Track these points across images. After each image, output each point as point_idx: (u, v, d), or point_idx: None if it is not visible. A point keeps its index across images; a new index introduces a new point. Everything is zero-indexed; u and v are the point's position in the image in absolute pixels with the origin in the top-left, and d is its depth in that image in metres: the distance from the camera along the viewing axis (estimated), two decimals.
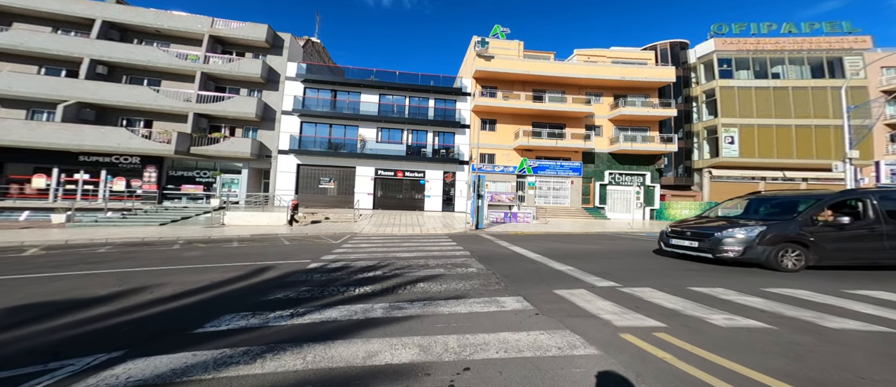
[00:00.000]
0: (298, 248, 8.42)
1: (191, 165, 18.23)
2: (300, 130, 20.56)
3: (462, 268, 5.78)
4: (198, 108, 17.47)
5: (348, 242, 9.61)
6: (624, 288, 4.28)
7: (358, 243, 9.40)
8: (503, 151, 22.10)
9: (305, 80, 20.65)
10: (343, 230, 12.42)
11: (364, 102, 21.46)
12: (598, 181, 21.30)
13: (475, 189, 13.23)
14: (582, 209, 20.82)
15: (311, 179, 20.70)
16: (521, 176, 21.83)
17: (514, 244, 9.21)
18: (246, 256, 6.98)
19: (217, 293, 4.21)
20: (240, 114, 18.22)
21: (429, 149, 22.04)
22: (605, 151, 21.58)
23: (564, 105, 20.83)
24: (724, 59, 21.30)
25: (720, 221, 6.49)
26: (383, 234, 12.02)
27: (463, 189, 21.92)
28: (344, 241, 10.03)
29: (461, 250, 8.04)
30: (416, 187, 21.90)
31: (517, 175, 21.69)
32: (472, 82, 22.65)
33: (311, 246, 8.75)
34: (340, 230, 12.38)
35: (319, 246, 8.77)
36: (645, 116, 20.73)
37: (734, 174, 20.60)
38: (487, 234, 12.34)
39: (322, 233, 11.73)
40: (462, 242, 9.66)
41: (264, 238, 10.39)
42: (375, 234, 11.99)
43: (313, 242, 9.49)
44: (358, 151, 20.79)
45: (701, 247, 6.01)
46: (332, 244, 9.17)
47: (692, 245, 6.16)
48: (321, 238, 10.51)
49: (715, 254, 5.78)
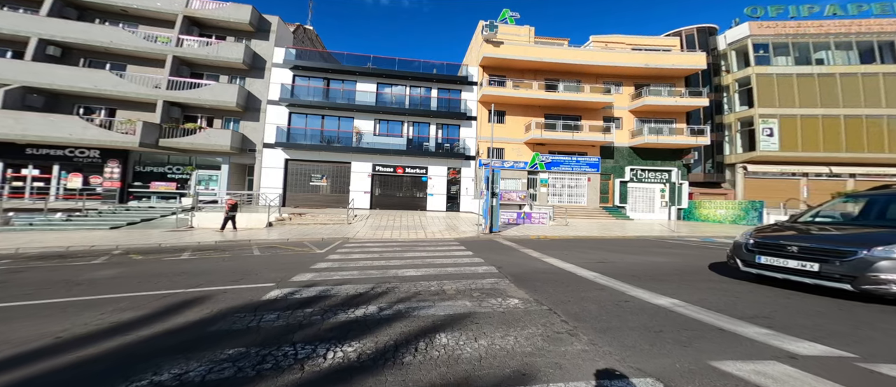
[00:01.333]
0: (268, 261, 6.37)
1: (162, 159, 16.09)
2: (289, 122, 18.47)
3: (497, 298, 3.79)
4: (168, 95, 15.33)
5: (337, 252, 7.57)
6: (867, 364, 2.19)
7: (348, 254, 7.37)
8: (513, 145, 20.12)
9: (295, 67, 18.57)
10: (333, 235, 10.37)
11: (360, 91, 19.42)
12: (618, 178, 19.36)
13: (488, 186, 11.23)
14: (601, 209, 18.87)
15: (301, 175, 18.62)
16: (533, 172, 19.86)
17: (547, 254, 7.21)
18: (182, 278, 4.93)
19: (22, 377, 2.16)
20: (218, 102, 16.11)
21: (432, 143, 20.02)
22: (626, 144, 19.63)
23: (581, 95, 18.88)
24: (761, 45, 19.43)
25: (854, 228, 4.44)
26: (381, 239, 9.98)
27: (469, 187, 19.92)
28: (332, 249, 7.99)
29: (483, 265, 6.03)
30: (418, 185, 19.87)
31: (528, 171, 19.72)
32: (479, 71, 20.67)
33: (287, 259, 6.70)
34: (330, 235, 10.33)
35: (297, 258, 6.73)
36: (672, 107, 18.81)
37: (773, 170, 18.72)
38: (505, 239, 10.33)
39: (307, 238, 9.68)
40: (479, 252, 7.66)
41: (230, 246, 8.32)
42: (372, 239, 9.95)
43: (291, 253, 7.44)
44: (353, 145, 18.72)
45: (827, 272, 3.77)
46: (314, 255, 7.13)
47: (807, 268, 3.91)
48: (303, 246, 8.46)
49: (861, 285, 3.56)
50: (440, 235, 10.73)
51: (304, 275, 5.15)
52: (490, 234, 11.18)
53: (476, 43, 21.80)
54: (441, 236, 10.59)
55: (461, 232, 11.43)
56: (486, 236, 10.77)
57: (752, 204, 15.12)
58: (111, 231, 10.18)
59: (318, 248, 8.20)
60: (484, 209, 11.37)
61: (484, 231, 11.28)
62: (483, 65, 20.47)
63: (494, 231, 11.46)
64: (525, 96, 19.25)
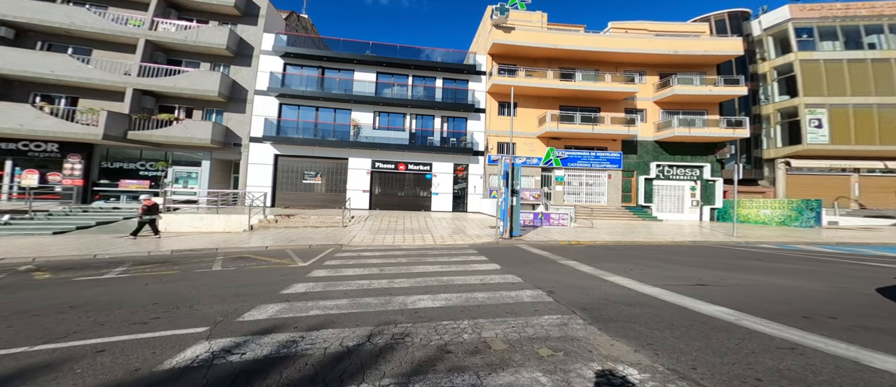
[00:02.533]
0: (223, 283, 4.61)
1: (133, 155, 14.29)
2: (279, 114, 16.70)
3: (589, 363, 2.04)
4: (139, 82, 13.54)
5: (324, 265, 5.82)
6: None
7: (339, 269, 5.62)
8: (525, 139, 18.38)
9: (286, 55, 16.82)
10: (324, 241, 8.61)
11: (358, 80, 17.67)
12: (643, 175, 17.61)
13: (508, 183, 9.47)
14: (623, 209, 17.13)
15: (293, 173, 16.84)
16: (547, 169, 18.13)
17: (602, 268, 5.47)
18: (66, 317, 3.19)
19: None
20: (197, 91, 14.34)
21: (436, 137, 18.27)
22: (651, 138, 17.90)
23: (602, 84, 17.14)
24: (804, 29, 17.66)
25: None
26: (381, 246, 8.22)
27: (477, 185, 18.17)
28: (319, 261, 6.23)
29: (525, 286, 4.31)
30: (422, 183, 18.11)
31: (542, 168, 17.98)
32: (488, 60, 18.95)
33: (253, 277, 4.95)
34: (320, 241, 8.56)
35: (269, 276, 4.98)
36: (704, 97, 17.02)
37: (820, 165, 16.85)
38: (530, 245, 8.59)
39: (292, 245, 7.91)
40: (508, 264, 5.92)
41: (187, 258, 6.55)
42: (370, 246, 8.19)
43: (264, 267, 5.68)
44: (351, 140, 16.96)
45: None
46: (294, 271, 5.38)
47: None
48: (284, 257, 6.70)
49: None
50: (452, 241, 8.98)
51: (265, 308, 3.39)
52: (510, 238, 9.42)
53: (484, 30, 20.10)
54: (453, 242, 8.83)
55: (475, 237, 9.68)
56: (505, 242, 9.02)
57: (806, 203, 13.31)
58: (53, 237, 8.39)
59: (303, 259, 6.43)
60: (502, 210, 9.62)
61: (503, 236, 9.52)
62: (492, 53, 18.75)
63: (515, 235, 9.71)
64: (539, 86, 17.51)
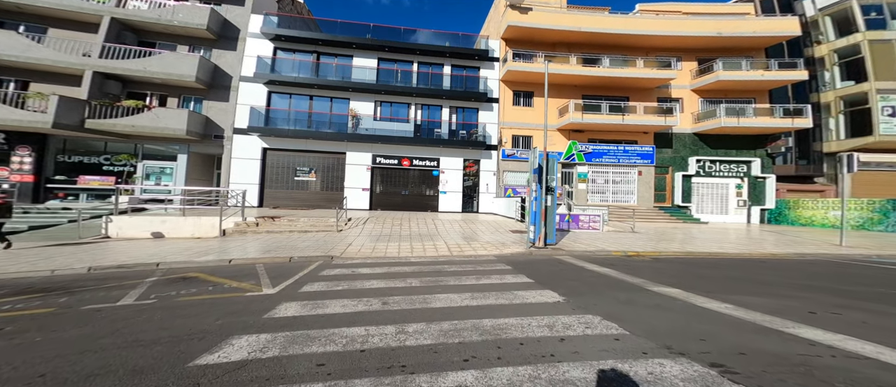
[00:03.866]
0: (102, 341, 2.67)
1: (96, 147, 12.41)
2: (268, 102, 14.83)
3: None
4: (101, 65, 11.68)
5: (300, 294, 3.88)
6: None
7: (322, 301, 3.68)
8: (542, 131, 16.41)
9: (276, 38, 14.96)
10: (312, 251, 6.68)
11: (357, 66, 15.80)
12: (680, 171, 15.60)
13: (540, 179, 7.47)
14: (657, 209, 15.12)
15: (284, 169, 14.94)
16: (569, 165, 16.15)
17: (729, 301, 3.54)
18: None
19: None
20: (171, 76, 12.47)
21: (444, 129, 16.35)
22: (689, 130, 15.89)
23: (633, 70, 15.17)
24: (872, 6, 15.64)
25: None
26: (383, 258, 6.27)
27: (490, 182, 16.23)
28: (295, 286, 4.29)
29: (662, 354, 2.31)
30: (428, 180, 16.18)
31: (562, 164, 15.99)
32: (501, 45, 17.07)
33: (171, 323, 3.02)
34: (306, 251, 6.63)
35: (204, 319, 3.05)
36: (754, 83, 14.93)
37: (891, 160, 14.65)
38: (578, 257, 6.62)
39: (268, 257, 5.98)
40: (575, 294, 3.98)
41: (104, 280, 4.60)
42: (369, 258, 6.24)
43: (209, 298, 3.75)
44: (349, 132, 15.06)
45: None
46: (251, 305, 3.45)
47: None
48: (247, 278, 4.77)
49: None
50: (471, 250, 7.02)
51: None
52: (545, 248, 7.43)
53: (496, 12, 18.23)
54: (473, 252, 6.88)
55: (498, 244, 7.72)
56: (542, 253, 7.05)
57: (894, 204, 11.11)
58: None
59: (274, 280, 4.49)
60: (533, 213, 7.63)
61: (535, 244, 7.52)
62: (506, 37, 16.86)
63: (550, 244, 7.70)
64: (560, 72, 15.57)
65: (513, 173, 16.22)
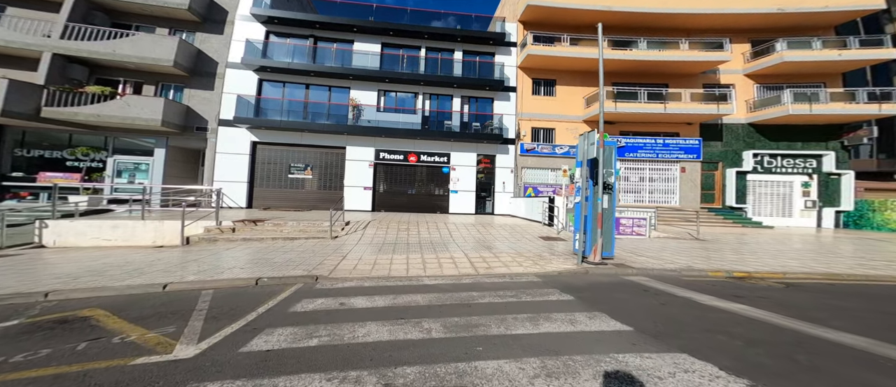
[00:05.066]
0: None
1: (59, 139, 10.89)
2: (259, 91, 13.23)
3: None
4: (62, 46, 10.17)
5: (233, 367, 2.07)
6: None
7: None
8: (567, 124, 14.59)
9: (269, 20, 13.37)
10: (291, 268, 4.97)
11: (358, 52, 14.14)
12: (732, 167, 13.55)
13: (593, 174, 5.60)
14: (705, 211, 13.09)
15: (276, 165, 13.31)
16: (597, 160, 14.23)
17: None
18: None
19: None
20: (145, 60, 10.92)
21: (455, 121, 14.61)
22: (744, 120, 13.82)
23: (675, 52, 13.19)
24: None
25: None
26: (387, 281, 4.50)
27: (507, 180, 14.42)
28: (235, 338, 2.51)
29: None
30: (437, 178, 14.43)
31: (589, 160, 14.09)
32: (518, 28, 15.31)
33: None
34: (284, 268, 4.93)
35: None
36: (825, 65, 12.83)
37: None
38: (658, 278, 4.81)
39: (222, 280, 4.26)
40: (729, 356, 2.09)
41: None
42: (367, 280, 4.49)
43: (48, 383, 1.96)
44: (349, 123, 13.40)
45: None
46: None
47: None
48: (159, 328, 3.01)
49: None
50: (502, 266, 5.23)
51: None
52: (603, 263, 5.56)
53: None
54: (505, 269, 5.09)
55: (533, 255, 5.92)
56: (601, 271, 5.22)
57: None
58: None
59: (209, 326, 2.74)
60: (586, 219, 5.79)
61: (588, 257, 5.66)
62: (524, 19, 15.09)
63: (607, 257, 5.82)
64: (588, 57, 13.70)
65: (533, 170, 14.37)
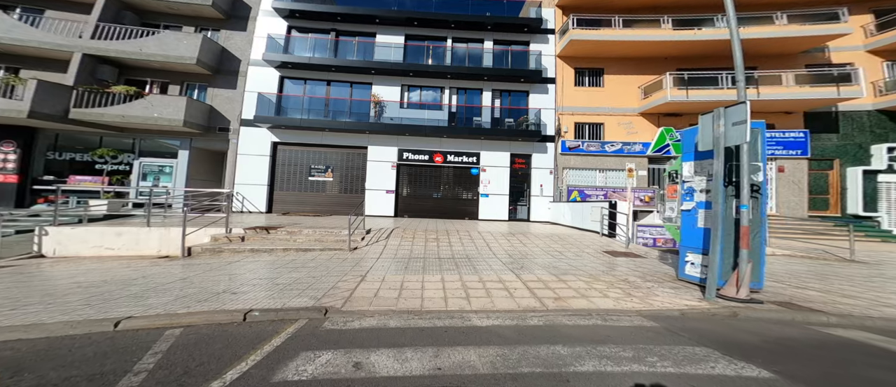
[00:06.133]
0: None
1: (90, 142, 10.89)
2: (280, 88, 12.69)
3: None
4: (91, 46, 10.12)
5: None
6: None
7: None
8: (618, 118, 12.62)
9: (290, 15, 12.84)
10: (296, 294, 3.81)
11: (381, 44, 13.23)
12: (854, 164, 10.85)
13: (731, 171, 3.80)
14: (816, 219, 10.45)
15: (296, 166, 12.65)
16: (659, 159, 12.13)
17: None
18: None
19: None
20: (170, 59, 10.67)
21: (486, 117, 13.19)
22: (870, 106, 11.00)
23: (768, 28, 10.73)
24: None
25: None
26: (420, 316, 3.14)
27: (545, 182, 12.71)
28: None
29: None
30: (465, 180, 13.06)
31: (649, 157, 12.03)
32: (556, 14, 13.66)
33: None
34: (283, 296, 3.78)
35: None
36: None
37: None
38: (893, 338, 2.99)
39: (197, 313, 3.15)
40: None
41: None
42: (392, 314, 3.16)
43: None
44: (371, 121, 12.45)
45: None
46: None
47: None
48: None
49: None
50: (580, 298, 3.69)
51: None
52: (751, 299, 3.73)
53: None
54: (588, 304, 3.56)
55: (620, 282, 4.32)
56: (766, 315, 3.50)
57: None
58: None
59: None
60: (691, 231, 4.09)
61: (728, 291, 3.86)
62: (563, 3, 13.43)
63: (756, 289, 3.93)
64: (646, 39, 11.69)
65: (577, 171, 12.54)
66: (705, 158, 4.05)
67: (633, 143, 11.99)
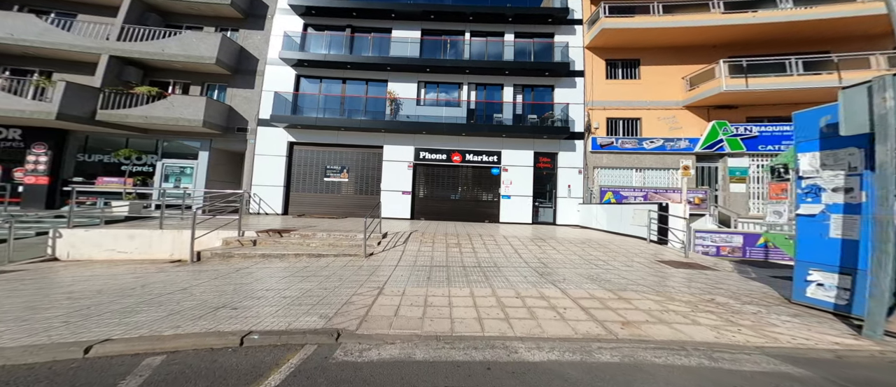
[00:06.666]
0: None
1: (117, 143, 11.09)
2: (296, 87, 12.50)
3: None
4: (117, 48, 10.27)
5: None
6: None
7: None
8: (658, 111, 11.47)
9: (307, 12, 12.66)
10: (304, 311, 3.26)
11: (397, 40, 12.77)
12: None
13: (868, 158, 2.94)
14: None
15: (312, 167, 12.40)
16: (710, 156, 10.87)
17: None
18: None
19: None
20: (190, 59, 10.69)
21: (507, 113, 12.40)
22: None
23: (847, 6, 9.20)
24: None
25: None
26: (454, 345, 2.47)
27: (574, 183, 11.73)
28: None
29: None
30: (485, 181, 12.31)
31: (697, 154, 10.79)
32: (583, 2, 12.71)
33: None
34: (288, 313, 3.23)
35: None
36: None
37: None
38: None
39: (187, 336, 2.64)
40: None
41: None
42: (417, 341, 2.51)
43: None
44: (387, 119, 12.00)
45: None
46: None
47: None
48: None
49: None
50: (663, 325, 2.89)
51: None
52: None
53: None
54: (670, 331, 2.75)
55: (701, 300, 3.46)
56: None
57: None
58: None
59: None
60: (811, 244, 3.20)
61: (892, 322, 2.96)
62: None
63: None
64: (691, 25, 10.49)
65: (610, 171, 11.48)
66: (842, 146, 3.12)
67: (677, 139, 10.79)
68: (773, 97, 9.73)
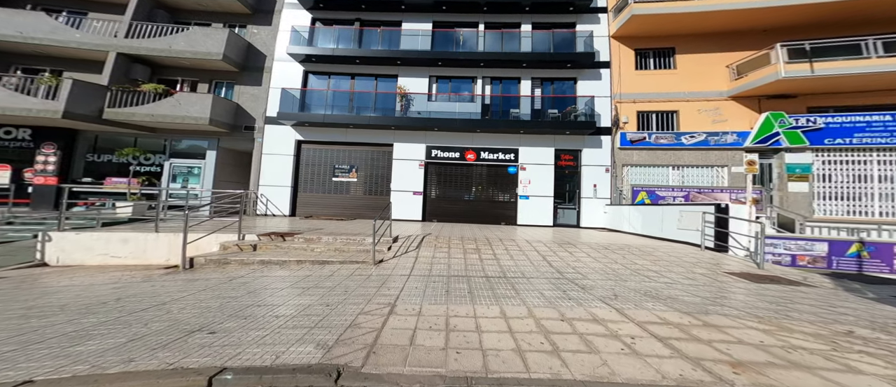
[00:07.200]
0: None
1: (126, 143, 10.91)
2: (304, 83, 12.08)
3: None
4: (125, 45, 10.08)
5: None
6: None
7: None
8: (698, 103, 10.39)
9: (314, 5, 12.24)
10: (298, 337, 2.60)
11: (407, 32, 12.18)
12: None
13: None
14: None
15: (320, 166, 11.92)
16: (764, 151, 9.69)
17: None
18: None
19: None
20: (198, 55, 10.40)
21: (525, 108, 11.58)
22: None
23: None
24: None
25: None
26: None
27: (600, 182, 10.77)
28: None
29: None
30: (501, 180, 11.51)
31: (747, 150, 9.63)
32: None
33: None
34: (280, 337, 2.58)
35: None
36: None
37: None
38: None
39: (157, 376, 1.98)
40: None
41: None
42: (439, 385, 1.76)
43: None
44: (397, 115, 11.39)
45: None
46: None
47: None
48: None
49: None
50: (806, 376, 2.03)
51: None
52: None
53: None
54: (821, 383, 1.87)
55: (845, 332, 2.59)
56: None
57: None
58: None
59: None
60: None
61: None
62: None
63: None
64: (736, 8, 9.36)
65: (641, 169, 10.47)
66: None
67: (723, 132, 9.64)
68: (844, 84, 8.48)
